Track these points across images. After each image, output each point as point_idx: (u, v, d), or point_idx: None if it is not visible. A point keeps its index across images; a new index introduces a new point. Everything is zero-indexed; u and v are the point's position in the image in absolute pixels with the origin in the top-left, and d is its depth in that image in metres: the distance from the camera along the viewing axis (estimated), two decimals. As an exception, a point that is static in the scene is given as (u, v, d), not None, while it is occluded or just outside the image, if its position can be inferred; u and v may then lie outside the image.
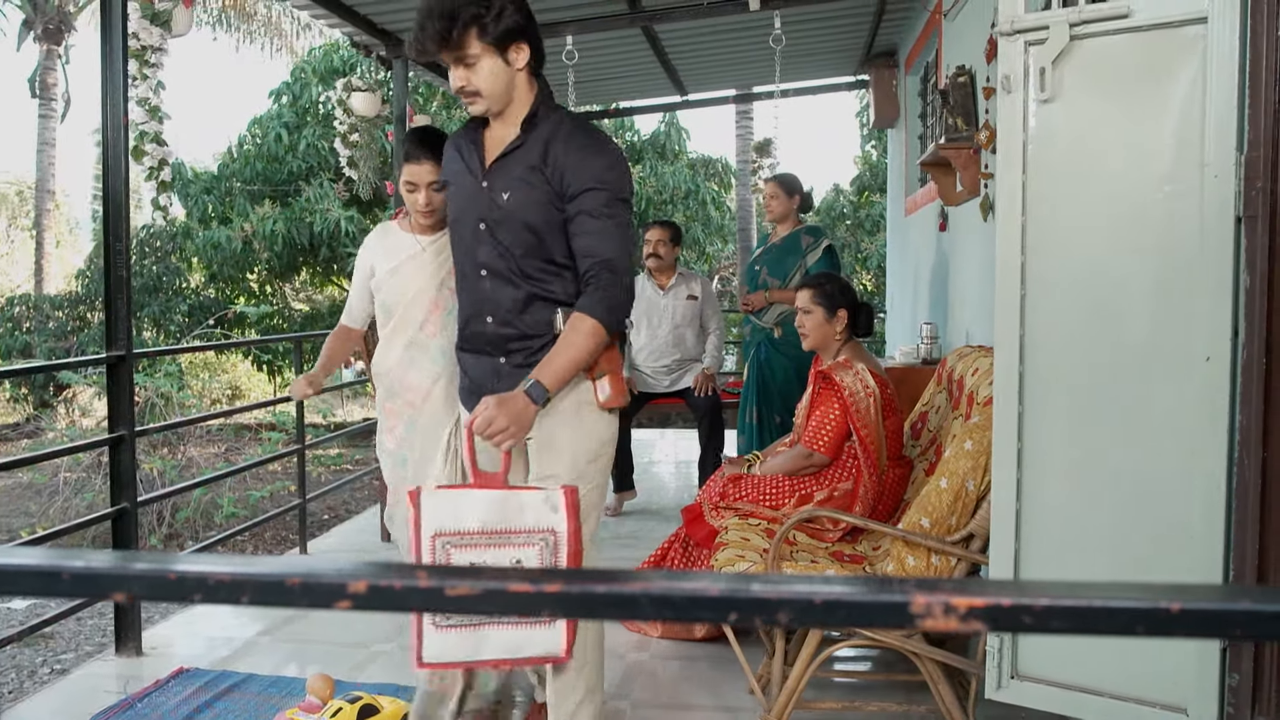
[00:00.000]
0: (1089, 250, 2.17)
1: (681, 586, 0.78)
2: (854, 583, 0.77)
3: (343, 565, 0.81)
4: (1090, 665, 2.21)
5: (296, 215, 12.16)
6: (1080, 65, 2.15)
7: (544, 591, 0.78)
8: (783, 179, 5.64)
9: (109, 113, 3.45)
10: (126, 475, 3.59)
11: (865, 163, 14.21)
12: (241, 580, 0.81)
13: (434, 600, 0.80)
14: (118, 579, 0.83)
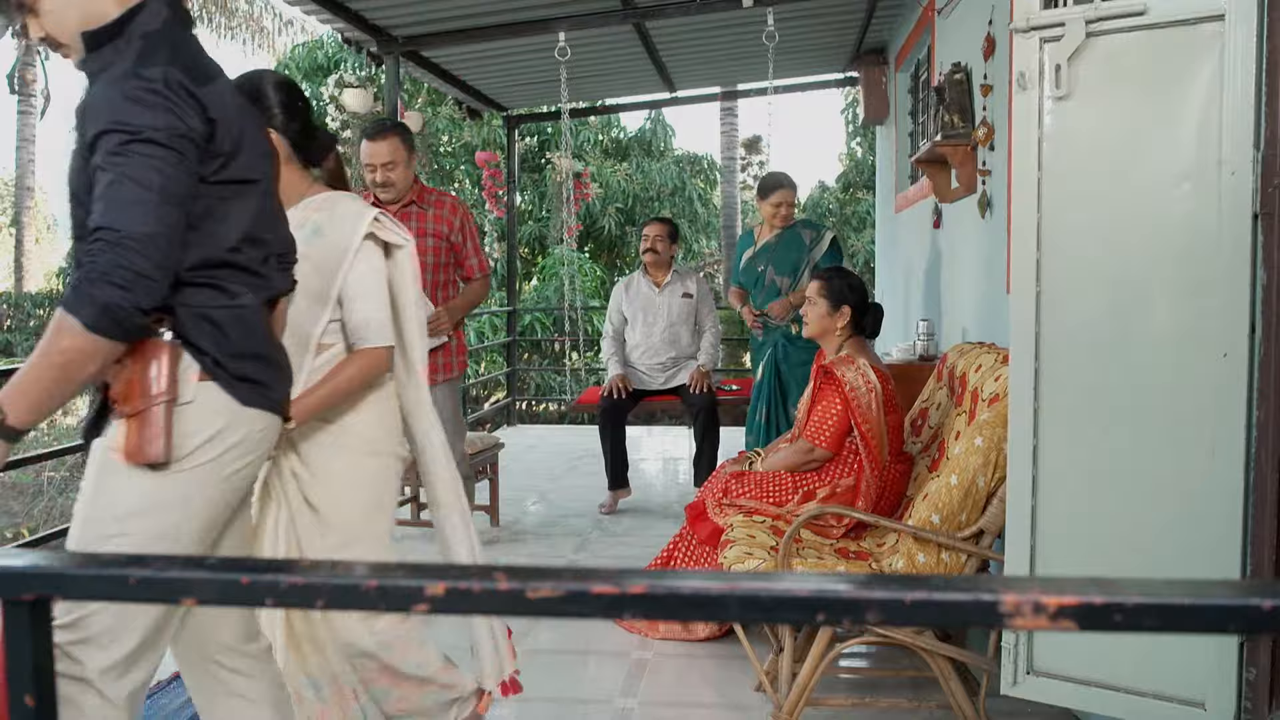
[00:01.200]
0: (1105, 247, 2.18)
1: (769, 588, 0.77)
2: (942, 583, 0.77)
3: (420, 568, 0.80)
4: (1107, 660, 2.22)
5: (281, 212, 12.08)
6: (1096, 62, 2.16)
7: (629, 594, 0.77)
8: (791, 182, 5.42)
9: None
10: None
11: (851, 160, 14.25)
12: (316, 585, 0.80)
13: (514, 603, 0.79)
14: (187, 584, 0.82)
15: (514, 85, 7.98)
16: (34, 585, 0.83)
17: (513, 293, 9.44)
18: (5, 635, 0.85)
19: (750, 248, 5.46)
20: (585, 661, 3.59)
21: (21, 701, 0.86)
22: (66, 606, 1.76)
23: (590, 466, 7.30)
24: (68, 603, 1.77)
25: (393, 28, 5.95)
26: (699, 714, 3.17)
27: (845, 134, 13.86)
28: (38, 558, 0.85)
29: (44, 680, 0.86)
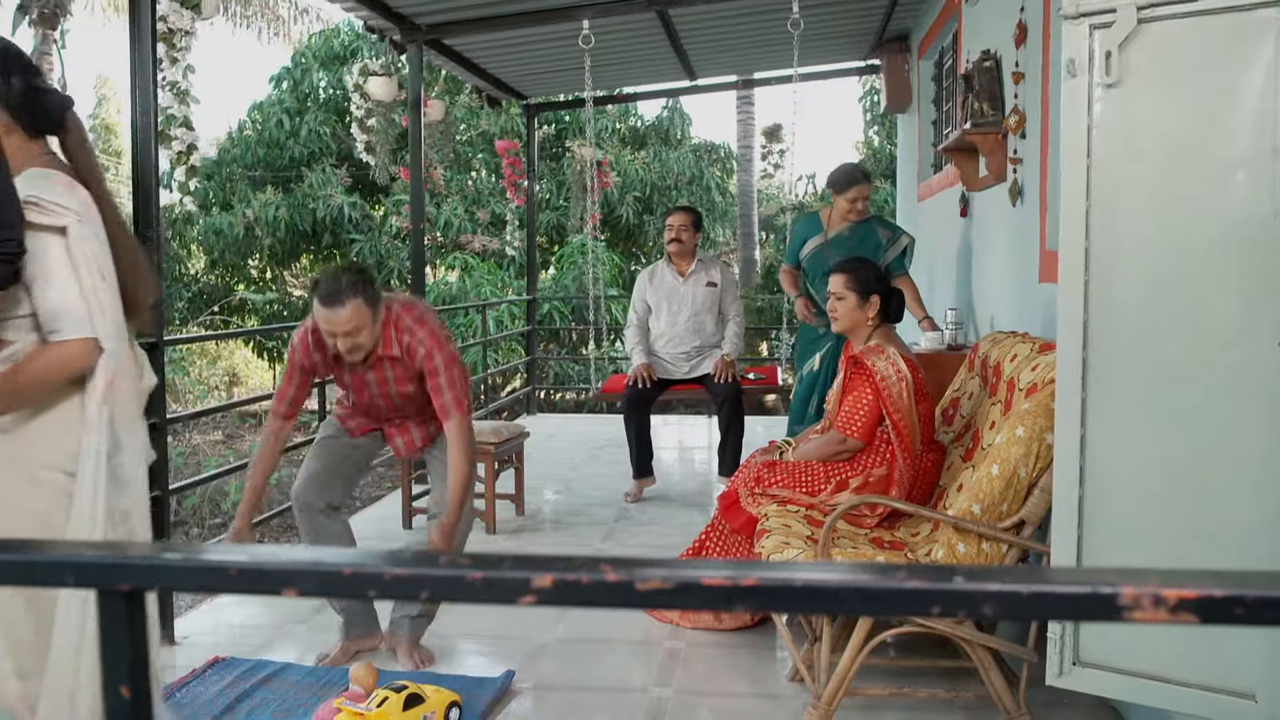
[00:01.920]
0: (1155, 236, 2.15)
1: (884, 580, 0.76)
2: (1060, 575, 0.76)
3: (528, 560, 0.79)
4: (1155, 652, 2.21)
5: (299, 201, 12.10)
6: (1147, 49, 2.13)
7: (740, 585, 0.76)
8: (868, 175, 5.23)
9: (138, 97, 3.41)
10: (159, 462, 3.57)
11: (868, 149, 14.19)
12: (420, 577, 0.79)
13: (623, 596, 0.78)
14: (286, 575, 0.81)
15: (534, 73, 7.96)
16: (131, 576, 0.83)
17: (532, 281, 9.44)
18: (101, 627, 0.85)
19: (819, 235, 5.26)
20: (618, 651, 3.58)
21: (118, 693, 0.85)
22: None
23: (611, 455, 7.31)
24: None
25: (416, 15, 5.92)
26: (733, 703, 3.16)
27: (863, 123, 13.82)
28: (135, 549, 0.84)
29: (140, 672, 0.85)
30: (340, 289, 3.08)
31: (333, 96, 12.85)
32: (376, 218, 12.74)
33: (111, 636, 0.84)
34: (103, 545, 0.84)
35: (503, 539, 5.06)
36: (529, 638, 3.65)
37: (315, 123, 12.41)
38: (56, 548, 0.84)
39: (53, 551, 0.83)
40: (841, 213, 5.15)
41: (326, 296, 3.08)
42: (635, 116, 13.74)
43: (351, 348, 3.17)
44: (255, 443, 11.26)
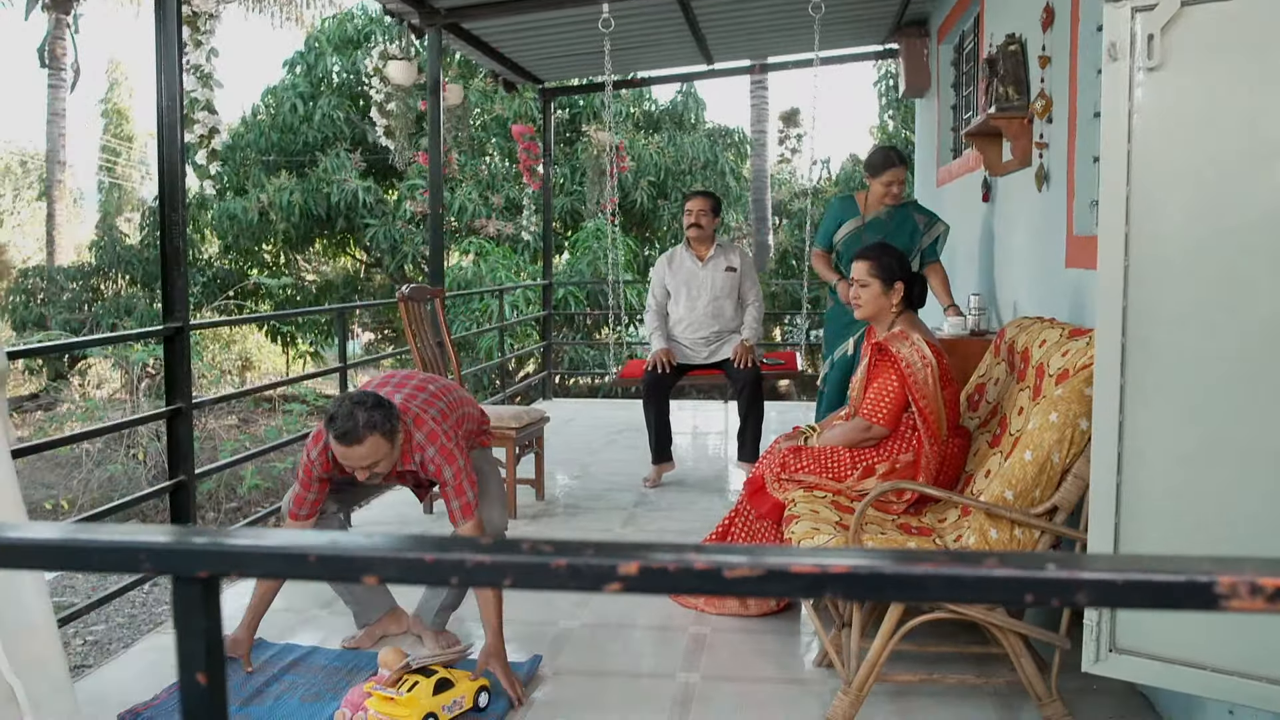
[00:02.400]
0: (1196, 221, 2.14)
1: (974, 569, 0.75)
2: (1153, 563, 0.74)
3: (613, 547, 0.78)
4: (1193, 639, 2.20)
5: (313, 186, 12.10)
6: (1191, 32, 2.11)
7: (830, 572, 0.76)
8: (904, 159, 5.15)
9: (163, 80, 3.40)
10: (185, 447, 3.57)
11: (882, 133, 14.12)
12: (503, 564, 0.78)
13: (710, 583, 0.77)
14: (368, 561, 0.80)
15: (551, 58, 7.93)
16: (208, 563, 0.82)
17: (548, 266, 9.43)
18: (176, 613, 0.84)
19: (855, 218, 5.18)
20: (643, 637, 3.58)
21: (194, 680, 0.85)
22: None
23: (629, 440, 7.30)
24: None
25: (435, -1, 5.91)
26: (761, 689, 3.16)
27: (878, 107, 13.76)
28: (211, 534, 0.83)
29: (216, 659, 0.85)
30: (357, 426, 2.95)
31: (346, 81, 12.84)
32: (390, 202, 12.73)
33: (187, 623, 0.84)
34: (178, 530, 0.83)
35: (524, 524, 5.06)
36: (555, 623, 3.65)
37: (329, 107, 12.39)
38: (130, 533, 0.84)
39: (127, 537, 0.83)
40: (877, 196, 5.08)
41: (343, 435, 2.96)
42: (649, 101, 13.70)
43: (370, 476, 3.11)
44: (271, 428, 11.29)
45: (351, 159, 12.16)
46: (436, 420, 3.23)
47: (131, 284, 14.65)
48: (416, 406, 3.24)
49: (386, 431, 3.01)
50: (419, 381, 3.44)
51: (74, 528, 0.84)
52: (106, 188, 27.04)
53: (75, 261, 16.56)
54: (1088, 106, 3.81)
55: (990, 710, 2.95)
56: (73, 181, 29.33)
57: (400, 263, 12.66)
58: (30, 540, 0.83)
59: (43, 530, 0.83)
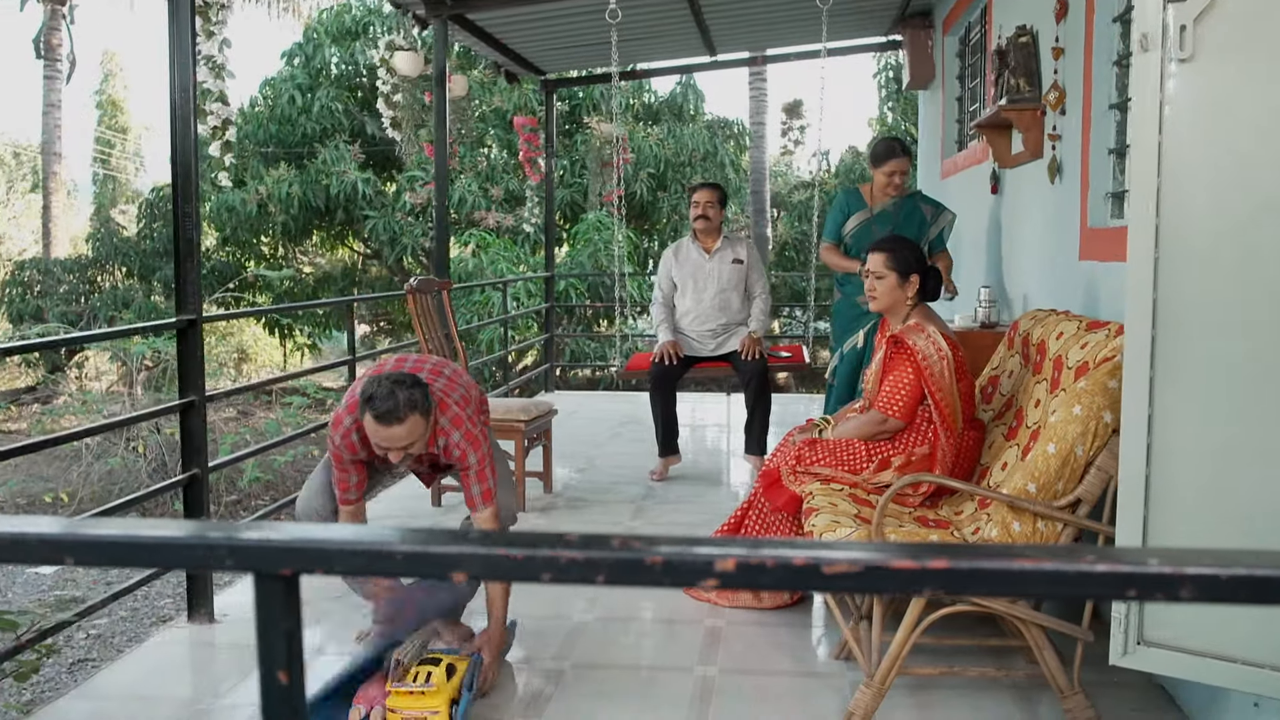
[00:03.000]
0: (1228, 214, 2.13)
1: (1074, 564, 0.74)
2: (1253, 559, 0.74)
3: (710, 542, 0.77)
4: (1221, 631, 2.19)
5: (312, 178, 12.06)
6: (1224, 23, 2.10)
7: (929, 568, 0.75)
8: (906, 149, 5.08)
9: (177, 72, 3.38)
10: (198, 441, 3.56)
11: (882, 125, 14.11)
12: (597, 561, 0.77)
13: (808, 579, 0.76)
14: (455, 558, 0.79)
15: (555, 49, 7.91)
16: (293, 560, 0.81)
17: (550, 259, 9.41)
18: (259, 611, 0.83)
19: (862, 211, 5.17)
20: (659, 630, 3.58)
21: (275, 679, 0.84)
22: None
23: (633, 433, 7.30)
24: None
25: (441, -11, 5.88)
26: (779, 682, 3.16)
27: (878, 99, 13.74)
28: (293, 530, 0.82)
29: (296, 657, 0.84)
30: (398, 406, 2.88)
31: (345, 72, 12.80)
32: (390, 194, 12.70)
33: (270, 621, 0.83)
34: (261, 527, 0.82)
35: (534, 516, 5.05)
36: (568, 617, 3.65)
37: (328, 99, 12.35)
38: (212, 530, 0.82)
39: (210, 534, 0.81)
40: (880, 187, 5.08)
41: (384, 415, 2.89)
42: (649, 92, 13.67)
43: (403, 458, 3.06)
44: (271, 420, 11.25)
45: (350, 151, 12.12)
46: (459, 405, 3.21)
47: (128, 276, 14.60)
48: (439, 390, 3.21)
49: (424, 411, 2.97)
50: (433, 365, 3.41)
51: (151, 524, 0.83)
52: (101, 179, 26.94)
53: (71, 254, 16.50)
54: (1103, 98, 3.80)
55: (1009, 703, 2.95)
56: (67, 173, 29.24)
57: (399, 255, 12.62)
58: (105, 537, 0.82)
59: (119, 527, 0.82)
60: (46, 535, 0.81)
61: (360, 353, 7.22)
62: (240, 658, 3.35)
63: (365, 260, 14.27)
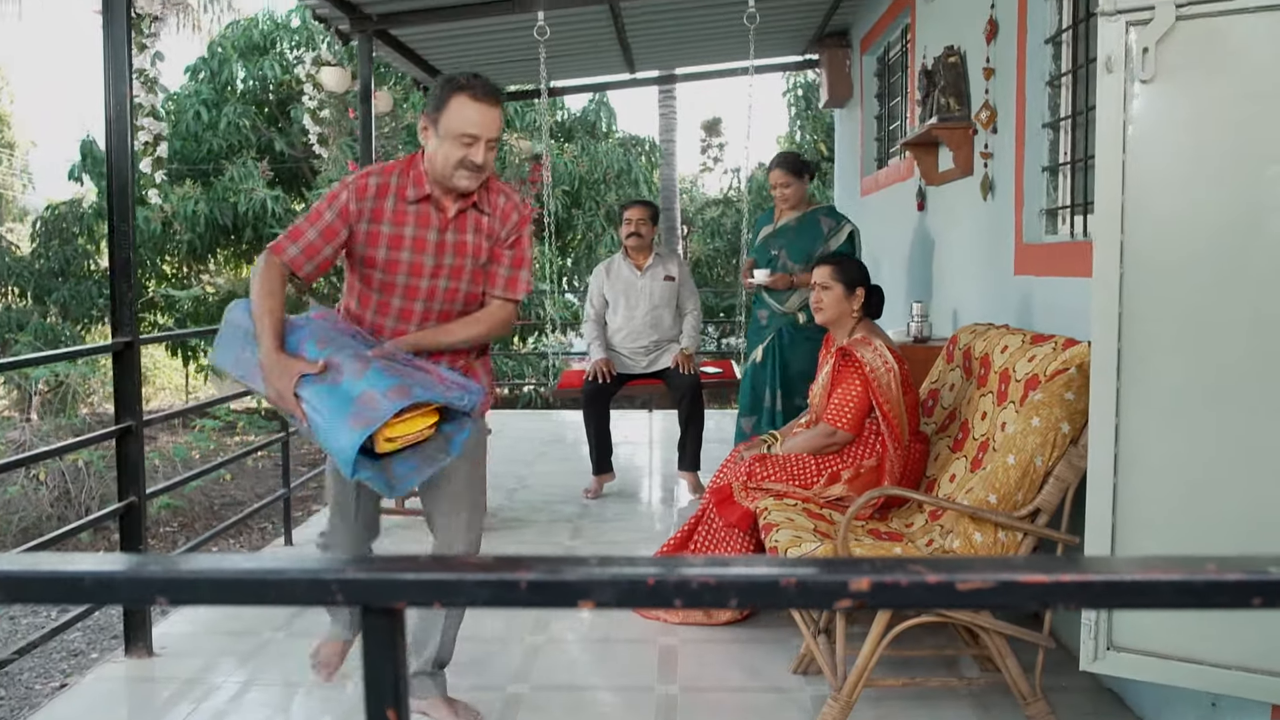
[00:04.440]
0: (1191, 230, 2.20)
1: (1196, 574, 0.75)
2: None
3: (841, 564, 0.77)
4: (1190, 635, 2.26)
5: (219, 195, 11.78)
6: (1185, 46, 2.18)
7: (1060, 581, 0.75)
8: (789, 163, 5.21)
9: (111, 86, 3.27)
10: (135, 468, 3.43)
11: (789, 142, 14.31)
12: (730, 582, 0.76)
13: (942, 596, 0.76)
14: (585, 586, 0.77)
15: (476, 65, 7.85)
16: (405, 593, 0.78)
17: (469, 277, 9.32)
18: (367, 646, 0.80)
19: (768, 227, 5.32)
20: (613, 650, 3.55)
21: (383, 715, 0.81)
22: None
23: (560, 451, 7.27)
24: None
25: (366, 5, 5.80)
26: (743, 698, 3.16)
27: (787, 117, 13.95)
28: (399, 564, 0.79)
29: (403, 692, 0.81)
30: (497, 87, 2.60)
31: (251, 88, 12.53)
32: (299, 212, 12.46)
33: (378, 656, 0.80)
34: (369, 561, 0.79)
35: (470, 538, 4.97)
36: (520, 639, 3.60)
37: (235, 115, 12.07)
38: (316, 564, 0.79)
39: (317, 568, 0.78)
40: (777, 202, 5.26)
41: (488, 91, 2.59)
42: (562, 109, 13.66)
43: (478, 167, 2.61)
44: (179, 445, 10.93)
45: (259, 168, 11.86)
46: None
47: (21, 297, 14.05)
48: None
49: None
50: None
51: (251, 559, 0.79)
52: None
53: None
54: (1036, 117, 3.91)
55: (968, 711, 2.99)
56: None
57: (311, 274, 12.39)
58: (215, 574, 0.78)
59: (222, 564, 0.79)
60: (147, 574, 0.77)
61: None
62: (183, 692, 3.23)
63: (273, 279, 13.94)
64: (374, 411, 2.42)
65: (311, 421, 2.48)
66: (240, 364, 2.65)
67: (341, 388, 2.48)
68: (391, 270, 2.72)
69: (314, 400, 2.48)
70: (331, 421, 2.45)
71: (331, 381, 2.49)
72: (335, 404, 2.46)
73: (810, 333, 4.98)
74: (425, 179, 2.70)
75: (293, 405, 2.48)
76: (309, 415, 2.48)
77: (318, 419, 2.47)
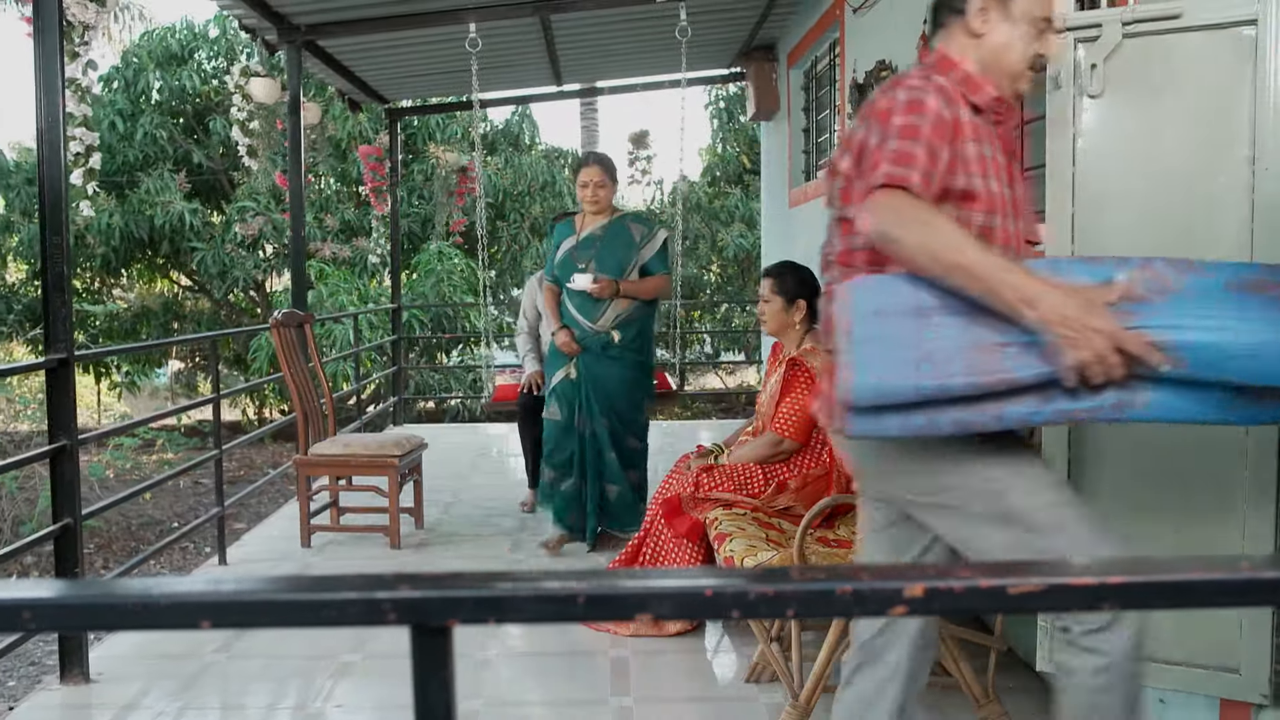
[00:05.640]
0: (1138, 238, 2.27)
1: (1235, 574, 0.78)
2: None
3: (894, 570, 0.78)
4: (1143, 634, 2.32)
5: (134, 208, 11.48)
6: (1131, 62, 2.25)
7: (1108, 584, 0.77)
8: (604, 161, 4.83)
9: (43, 96, 3.18)
10: (69, 488, 3.33)
11: (713, 155, 14.43)
12: (787, 594, 0.77)
13: (996, 600, 0.78)
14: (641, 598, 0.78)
15: (403, 77, 7.80)
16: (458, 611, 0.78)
17: (397, 289, 9.24)
18: (416, 665, 0.80)
19: (570, 239, 4.82)
20: (565, 664, 3.54)
21: (434, 735, 0.80)
22: None
23: (491, 465, 7.24)
24: None
25: (294, 16, 5.72)
26: (700, 708, 3.17)
27: (710, 129, 14.07)
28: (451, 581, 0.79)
29: (452, 711, 0.81)
30: None
31: (167, 98, 12.24)
32: (218, 225, 12.21)
33: (429, 676, 0.80)
34: (421, 579, 0.78)
35: (409, 553, 4.92)
36: (471, 655, 3.57)
37: (151, 125, 11.78)
38: (369, 584, 0.78)
39: (369, 589, 0.77)
40: (581, 200, 4.79)
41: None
42: (485, 122, 13.59)
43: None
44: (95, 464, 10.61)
45: (176, 180, 11.59)
46: None
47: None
48: None
49: None
50: None
51: (301, 582, 0.78)
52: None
53: None
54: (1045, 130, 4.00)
55: (923, 714, 3.03)
56: None
57: (230, 288, 12.14)
58: (265, 596, 0.76)
59: (273, 586, 0.77)
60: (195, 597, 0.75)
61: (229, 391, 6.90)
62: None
63: (191, 293, 13.65)
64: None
65: (1209, 349, 1.62)
66: (932, 362, 1.66)
67: (1201, 290, 1.67)
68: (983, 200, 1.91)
69: (1189, 314, 1.63)
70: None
71: (1169, 292, 1.66)
72: (1236, 309, 1.64)
73: (624, 354, 4.69)
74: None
75: (1139, 345, 1.61)
76: (1193, 343, 1.62)
77: (1229, 337, 1.61)
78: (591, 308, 4.68)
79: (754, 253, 12.15)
